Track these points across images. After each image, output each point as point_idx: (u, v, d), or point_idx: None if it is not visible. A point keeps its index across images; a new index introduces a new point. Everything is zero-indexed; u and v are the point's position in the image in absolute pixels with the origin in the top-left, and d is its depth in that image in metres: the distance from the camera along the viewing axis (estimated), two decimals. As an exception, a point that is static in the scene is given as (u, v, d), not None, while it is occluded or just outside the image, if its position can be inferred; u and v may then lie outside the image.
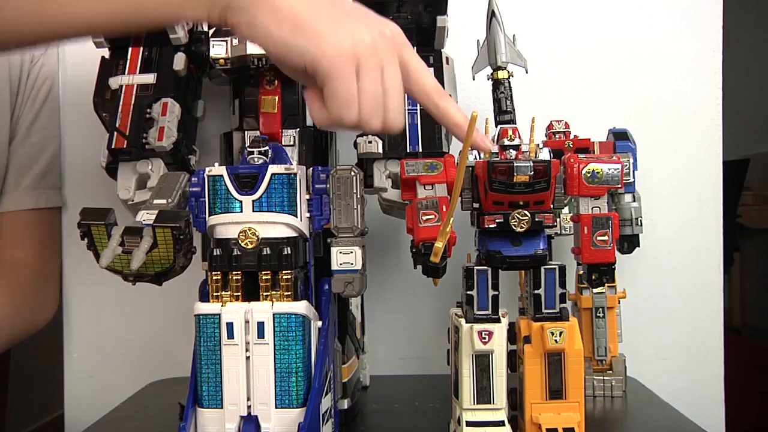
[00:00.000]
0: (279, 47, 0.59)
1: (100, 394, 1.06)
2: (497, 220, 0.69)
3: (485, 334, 0.69)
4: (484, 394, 0.70)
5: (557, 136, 0.90)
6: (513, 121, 0.75)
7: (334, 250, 0.70)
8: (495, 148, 0.71)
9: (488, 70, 0.77)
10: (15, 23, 0.61)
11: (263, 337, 0.66)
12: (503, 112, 0.75)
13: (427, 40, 0.85)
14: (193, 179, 0.71)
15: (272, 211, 0.68)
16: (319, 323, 0.71)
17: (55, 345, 1.11)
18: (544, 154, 0.71)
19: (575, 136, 0.90)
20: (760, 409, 2.08)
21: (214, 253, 0.68)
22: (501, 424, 0.69)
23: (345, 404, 0.83)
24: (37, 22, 0.61)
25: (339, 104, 0.59)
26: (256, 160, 0.70)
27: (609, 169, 0.71)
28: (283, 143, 0.80)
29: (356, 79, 0.59)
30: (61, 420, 1.11)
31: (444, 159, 0.73)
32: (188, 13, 0.62)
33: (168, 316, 1.07)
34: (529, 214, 0.69)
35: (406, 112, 0.82)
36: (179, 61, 0.84)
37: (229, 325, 0.66)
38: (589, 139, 0.90)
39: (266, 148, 0.70)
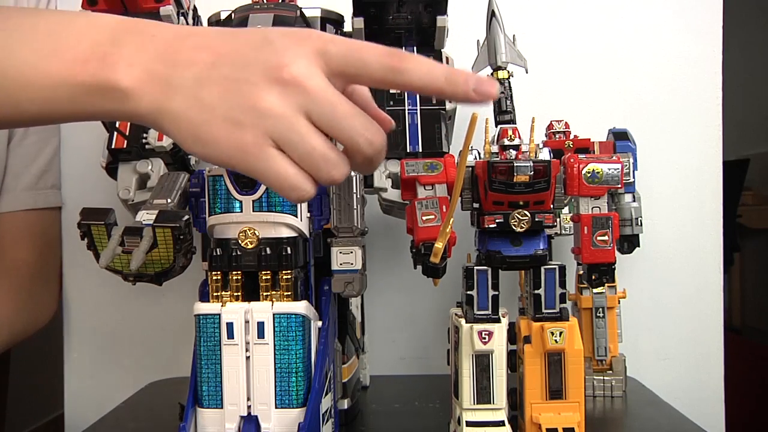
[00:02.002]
0: (198, 156, 0.51)
1: (100, 394, 1.06)
2: (497, 220, 0.69)
3: (485, 334, 0.69)
4: (484, 394, 0.70)
5: (557, 136, 0.90)
6: (513, 121, 0.75)
7: (334, 250, 0.70)
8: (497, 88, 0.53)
9: (488, 70, 0.77)
10: None
11: (263, 337, 0.66)
12: (503, 112, 0.75)
13: (427, 40, 0.85)
14: (193, 179, 0.72)
15: (272, 211, 0.67)
16: (319, 323, 0.71)
17: (55, 345, 1.11)
18: (544, 154, 0.71)
19: (575, 136, 0.90)
20: (760, 409, 2.08)
21: (214, 253, 0.68)
22: (501, 424, 0.69)
23: (345, 404, 0.83)
24: None
25: (285, 192, 0.50)
26: (256, 160, 0.70)
27: (609, 169, 0.71)
28: (283, 143, 0.80)
29: (284, 153, 0.49)
30: (61, 420, 1.11)
31: (444, 159, 0.73)
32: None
33: (168, 316, 1.07)
34: (529, 214, 0.69)
35: (407, 112, 0.82)
36: (179, 61, 0.83)
37: (229, 325, 0.66)
38: (589, 139, 0.90)
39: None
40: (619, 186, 0.72)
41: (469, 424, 0.69)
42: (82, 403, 1.09)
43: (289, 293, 0.68)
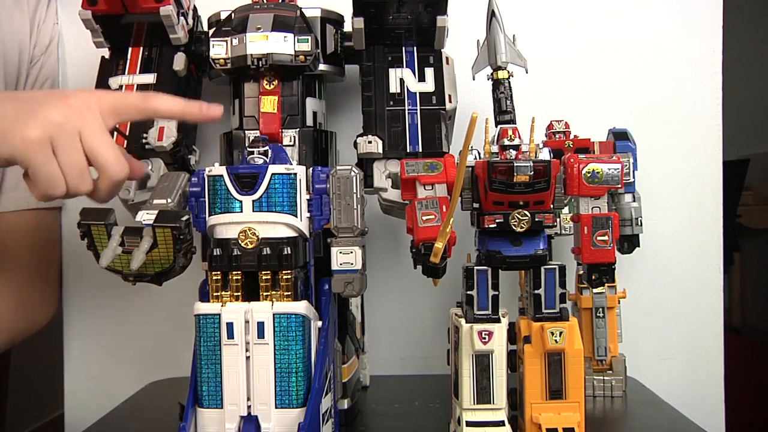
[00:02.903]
0: None
1: (100, 394, 1.06)
2: (497, 220, 0.69)
3: (485, 334, 0.69)
4: (484, 394, 0.70)
5: (557, 136, 0.90)
6: (513, 121, 0.75)
7: (334, 250, 0.70)
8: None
9: (488, 70, 0.77)
10: None
11: (263, 337, 0.66)
12: (503, 112, 0.75)
13: (427, 40, 0.85)
14: (193, 179, 0.72)
15: (272, 211, 0.68)
16: (319, 323, 0.71)
17: (55, 345, 1.11)
18: (544, 154, 0.71)
19: (575, 136, 0.90)
20: (760, 409, 2.08)
21: (214, 253, 0.68)
22: (501, 424, 0.69)
23: (345, 404, 0.83)
24: None
25: (44, 185, 0.66)
26: (256, 160, 0.70)
27: (609, 169, 0.71)
28: (283, 143, 0.80)
29: (55, 158, 0.65)
30: (61, 420, 1.11)
31: (444, 159, 0.73)
32: None
33: (168, 316, 1.07)
34: (529, 214, 0.69)
35: (407, 112, 0.82)
36: (179, 61, 0.84)
37: (229, 325, 0.66)
38: (589, 139, 0.90)
39: (266, 148, 0.70)
40: (619, 186, 0.72)
41: (469, 424, 0.69)
42: (82, 403, 1.09)
43: (289, 293, 0.68)
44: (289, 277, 0.68)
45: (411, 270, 0.70)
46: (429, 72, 0.85)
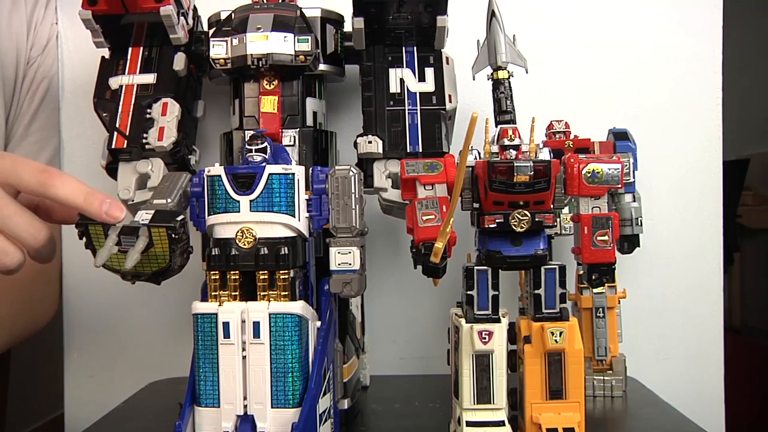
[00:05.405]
0: None
1: (100, 394, 1.06)
2: (497, 220, 0.69)
3: (485, 334, 0.69)
4: (484, 394, 0.70)
5: (557, 136, 0.90)
6: (513, 121, 0.75)
7: (332, 250, 0.70)
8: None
9: (488, 70, 0.77)
10: None
11: (259, 337, 0.66)
12: (503, 112, 0.75)
13: (427, 40, 0.85)
14: (194, 179, 0.72)
15: (270, 211, 0.67)
16: (318, 323, 0.70)
17: (55, 345, 1.11)
18: (544, 154, 0.71)
19: (575, 136, 0.90)
20: (760, 409, 2.08)
21: (213, 253, 0.68)
22: (501, 424, 0.69)
23: (345, 404, 0.82)
24: None
25: None
26: (254, 157, 0.70)
27: (609, 169, 0.71)
28: (283, 143, 0.80)
29: None
30: (61, 420, 1.11)
31: (444, 159, 0.73)
32: None
33: (168, 316, 1.07)
34: (529, 214, 0.69)
35: (407, 112, 0.82)
36: (179, 61, 0.84)
37: (225, 325, 0.66)
38: (589, 139, 0.90)
39: (264, 144, 0.70)
40: (619, 186, 0.72)
41: (469, 424, 0.69)
42: (82, 403, 1.09)
43: (286, 293, 0.68)
44: (286, 277, 0.68)
45: (411, 270, 0.70)
46: (429, 72, 0.85)
